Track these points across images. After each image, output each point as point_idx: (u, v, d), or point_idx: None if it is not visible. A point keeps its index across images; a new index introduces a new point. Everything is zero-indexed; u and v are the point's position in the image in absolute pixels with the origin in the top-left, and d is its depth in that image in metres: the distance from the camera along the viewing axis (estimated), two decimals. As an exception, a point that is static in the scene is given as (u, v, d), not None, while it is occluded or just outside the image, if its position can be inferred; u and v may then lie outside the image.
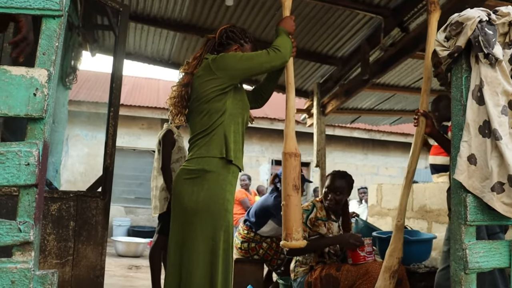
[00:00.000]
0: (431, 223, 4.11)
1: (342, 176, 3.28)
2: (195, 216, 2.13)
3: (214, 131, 2.19)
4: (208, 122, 2.20)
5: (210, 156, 2.16)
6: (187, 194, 2.15)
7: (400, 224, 2.68)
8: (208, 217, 2.12)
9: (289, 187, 2.34)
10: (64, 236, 2.99)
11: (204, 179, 2.14)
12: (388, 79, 6.06)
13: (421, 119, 2.63)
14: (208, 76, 2.21)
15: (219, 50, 2.37)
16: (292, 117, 2.47)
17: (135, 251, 7.75)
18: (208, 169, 2.15)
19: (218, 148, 2.17)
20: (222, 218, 2.15)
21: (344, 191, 3.25)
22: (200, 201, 2.12)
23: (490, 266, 1.62)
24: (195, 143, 2.24)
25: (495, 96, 1.62)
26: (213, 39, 2.40)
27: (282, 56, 2.30)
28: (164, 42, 5.52)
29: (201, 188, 2.14)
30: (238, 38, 2.39)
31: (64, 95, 5.03)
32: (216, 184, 2.15)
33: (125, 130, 10.56)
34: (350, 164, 11.87)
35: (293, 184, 2.34)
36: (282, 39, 2.37)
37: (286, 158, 2.38)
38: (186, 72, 2.33)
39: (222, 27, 2.44)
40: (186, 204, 2.15)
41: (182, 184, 2.19)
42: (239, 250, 4.10)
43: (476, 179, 1.61)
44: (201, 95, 2.23)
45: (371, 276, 2.88)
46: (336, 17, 4.55)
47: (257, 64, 2.25)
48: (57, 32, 1.20)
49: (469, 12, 1.68)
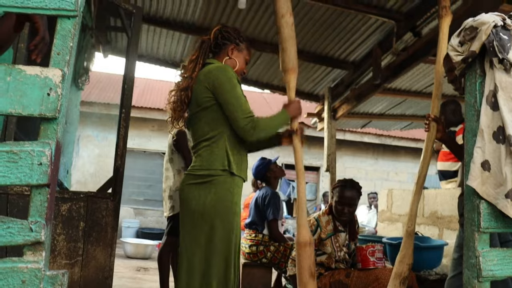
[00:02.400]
0: (442, 230, 4.07)
1: (352, 186, 3.22)
2: (202, 219, 2.13)
3: (215, 142, 2.18)
4: (209, 131, 2.20)
5: (212, 169, 2.16)
6: (194, 198, 2.15)
7: (411, 230, 2.66)
8: (216, 220, 2.12)
9: (306, 275, 2.35)
10: (74, 237, 3.00)
11: (211, 184, 2.15)
12: (400, 84, 6.03)
13: (432, 124, 2.61)
14: (204, 84, 2.21)
15: (215, 51, 2.37)
16: (304, 206, 2.50)
17: (144, 253, 7.77)
18: (215, 174, 2.15)
19: (220, 160, 2.16)
20: (230, 221, 2.15)
21: (357, 201, 3.23)
22: (208, 203, 2.12)
23: (504, 274, 1.59)
24: (198, 152, 2.24)
25: (510, 101, 1.60)
26: (208, 40, 2.38)
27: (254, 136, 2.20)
28: (176, 44, 5.54)
29: (208, 191, 2.14)
30: (234, 38, 2.38)
31: (76, 95, 5.06)
32: (223, 187, 2.15)
33: (135, 131, 10.61)
34: (360, 169, 11.82)
35: (309, 272, 2.36)
36: (272, 122, 2.31)
37: (301, 247, 2.39)
38: (184, 76, 2.32)
39: (215, 28, 2.41)
40: (194, 207, 2.15)
41: (189, 189, 2.19)
42: (246, 255, 4.11)
43: (490, 186, 1.59)
44: (199, 101, 2.23)
45: (381, 282, 2.86)
46: (348, 21, 4.53)
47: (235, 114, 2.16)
48: (71, 33, 1.21)
49: (483, 17, 1.66)
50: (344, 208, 3.15)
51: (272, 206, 4.07)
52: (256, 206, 4.20)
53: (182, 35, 5.25)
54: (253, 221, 4.17)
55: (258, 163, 4.39)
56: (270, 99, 13.08)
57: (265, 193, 4.21)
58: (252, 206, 4.26)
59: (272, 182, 4.37)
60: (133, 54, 3.48)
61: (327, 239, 3.11)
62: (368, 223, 8.03)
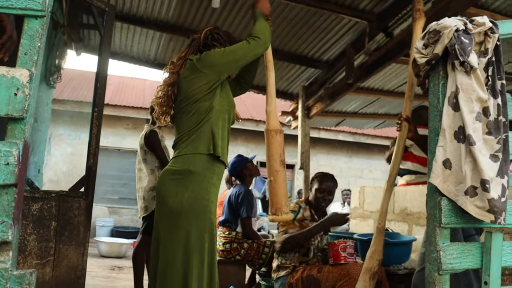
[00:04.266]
0: (411, 226, 4.17)
1: (331, 177, 3.42)
2: (179, 217, 2.13)
3: (201, 128, 2.21)
4: (195, 121, 2.23)
5: (197, 153, 2.18)
6: (171, 195, 2.16)
7: (381, 227, 2.72)
8: (192, 218, 2.13)
9: (277, 162, 2.38)
10: (45, 236, 2.97)
11: (189, 180, 2.16)
12: (373, 83, 6.13)
13: (403, 124, 2.68)
14: (195, 75, 2.24)
15: (203, 51, 2.39)
16: (273, 94, 2.50)
17: (118, 252, 7.70)
18: (193, 170, 2.17)
19: (206, 144, 2.19)
20: (206, 220, 2.17)
21: (335, 190, 3.41)
22: (185, 202, 2.13)
23: (462, 267, 1.66)
24: (181, 140, 2.26)
25: (469, 102, 1.67)
26: (198, 39, 2.42)
27: (263, 43, 2.32)
28: (150, 42, 5.50)
29: (185, 189, 2.15)
30: (223, 41, 2.42)
31: (47, 93, 4.97)
32: (201, 186, 2.17)
33: (110, 130, 10.49)
34: (334, 167, 11.96)
35: (280, 160, 2.38)
36: (260, 25, 2.37)
37: (272, 135, 2.41)
38: (172, 71, 2.35)
39: (207, 28, 2.46)
40: (171, 205, 2.15)
41: (167, 185, 2.20)
42: (220, 252, 4.13)
43: (451, 183, 1.65)
44: (189, 95, 2.25)
45: (352, 277, 2.92)
46: (322, 21, 4.59)
47: (240, 55, 2.27)
48: (39, 33, 1.21)
49: (446, 21, 1.73)
50: (325, 195, 3.31)
51: (245, 204, 4.10)
52: (230, 204, 4.22)
53: (156, 33, 5.22)
54: (227, 219, 4.19)
55: (235, 159, 4.42)
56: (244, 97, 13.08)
57: (238, 191, 4.23)
58: (226, 204, 4.28)
59: (247, 180, 4.40)
60: (105, 52, 3.46)
61: (306, 220, 3.26)
62: (342, 220, 8.13)
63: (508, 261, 1.76)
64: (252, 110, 12.24)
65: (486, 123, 1.69)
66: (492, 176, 1.63)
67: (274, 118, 2.44)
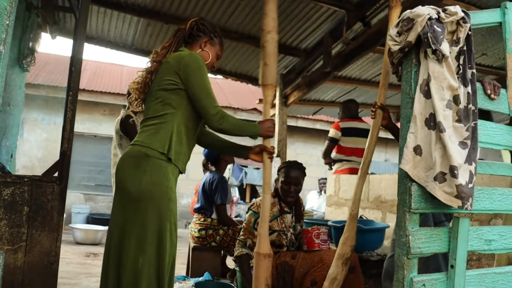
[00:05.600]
0: (385, 213, 4.25)
1: (298, 166, 3.31)
2: (139, 202, 2.11)
3: (163, 124, 2.19)
4: (160, 110, 2.22)
5: (151, 148, 2.16)
6: (130, 178, 2.14)
7: (354, 214, 2.77)
8: (152, 205, 2.11)
9: (262, 286, 2.46)
10: (17, 222, 2.92)
11: (147, 163, 2.14)
12: (350, 73, 6.18)
13: (378, 111, 2.70)
14: (173, 68, 2.23)
15: (189, 41, 2.43)
16: (267, 218, 2.56)
17: (94, 239, 7.64)
18: (150, 154, 2.15)
19: (161, 142, 2.17)
20: (166, 207, 2.14)
21: (302, 180, 3.30)
22: (143, 187, 2.11)
23: (430, 251, 1.71)
24: (144, 128, 2.25)
25: (441, 90, 1.70)
26: (183, 30, 2.43)
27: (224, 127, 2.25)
28: (128, 27, 5.42)
29: (143, 173, 2.13)
30: (209, 32, 2.45)
31: (20, 77, 4.86)
32: (159, 171, 2.15)
33: (86, 116, 10.33)
34: (312, 156, 12.03)
35: (265, 284, 2.46)
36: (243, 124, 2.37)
37: (260, 258, 2.47)
38: (155, 60, 2.35)
39: (192, 19, 2.48)
40: (129, 189, 2.13)
41: (125, 168, 2.19)
42: (196, 239, 4.14)
43: (421, 169, 1.69)
44: (161, 81, 2.25)
45: (325, 263, 2.97)
46: (300, 9, 4.59)
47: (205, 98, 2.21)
48: (7, 10, 1.18)
49: (419, 9, 1.75)
50: (291, 187, 3.21)
51: (220, 190, 4.11)
52: (204, 191, 4.22)
53: (133, 18, 5.14)
54: (202, 206, 4.20)
55: None
56: (223, 84, 13.04)
57: (212, 178, 4.24)
58: (200, 191, 4.28)
59: (222, 165, 4.41)
60: (81, 36, 3.39)
61: (273, 221, 3.18)
62: (318, 208, 8.22)
63: (474, 246, 1.81)
64: (231, 98, 12.20)
65: (456, 111, 1.72)
66: (460, 162, 1.67)
67: (266, 243, 2.49)
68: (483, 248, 1.84)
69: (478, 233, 1.84)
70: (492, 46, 4.89)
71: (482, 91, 1.91)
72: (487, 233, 1.86)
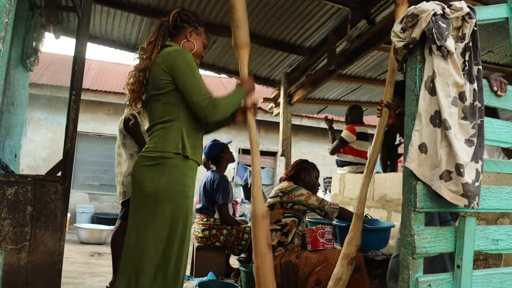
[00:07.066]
0: (390, 212, 4.21)
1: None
2: (155, 202, 2.12)
3: (171, 125, 2.19)
4: (165, 113, 2.21)
5: (165, 151, 2.16)
6: (147, 180, 2.15)
7: (360, 213, 2.74)
8: (168, 203, 2.12)
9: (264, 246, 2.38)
10: (20, 221, 2.92)
11: (165, 166, 2.15)
12: (354, 71, 6.14)
13: (384, 110, 2.67)
14: (163, 67, 2.21)
15: (174, 34, 2.40)
16: (259, 178, 2.52)
17: (99, 238, 7.65)
18: (168, 156, 2.15)
19: (174, 144, 2.17)
20: (183, 205, 2.16)
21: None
22: (161, 187, 2.12)
23: (436, 251, 1.68)
24: (153, 133, 2.25)
25: (446, 87, 1.67)
26: (166, 22, 2.40)
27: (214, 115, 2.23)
28: (131, 26, 5.41)
29: (161, 174, 2.14)
30: (192, 22, 2.42)
31: (24, 76, 4.85)
32: (177, 170, 2.16)
33: (90, 115, 10.35)
34: (317, 155, 12.00)
35: (266, 243, 2.39)
36: (230, 100, 2.35)
37: (258, 219, 2.41)
38: (143, 57, 2.33)
39: (173, 11, 2.44)
40: (147, 190, 2.14)
41: (142, 171, 2.19)
42: (199, 239, 4.12)
43: (426, 167, 1.66)
44: (157, 84, 2.23)
45: (330, 263, 2.94)
46: (304, 7, 4.56)
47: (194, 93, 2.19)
48: (6, 8, 1.16)
49: (424, 5, 1.72)
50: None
51: (221, 190, 4.09)
52: (205, 191, 4.20)
53: (137, 17, 5.13)
54: (204, 206, 4.18)
55: (212, 143, 4.40)
56: (227, 83, 13.02)
57: (213, 177, 4.21)
58: (201, 191, 4.26)
59: (223, 164, 4.38)
60: (83, 35, 3.38)
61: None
62: (323, 207, 8.20)
63: (481, 245, 1.78)
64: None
65: (462, 108, 1.69)
66: (466, 160, 1.65)
67: (260, 203, 2.45)
68: (490, 247, 1.81)
69: (485, 232, 1.81)
70: (498, 43, 4.84)
71: (488, 88, 1.88)
72: (494, 233, 1.83)
